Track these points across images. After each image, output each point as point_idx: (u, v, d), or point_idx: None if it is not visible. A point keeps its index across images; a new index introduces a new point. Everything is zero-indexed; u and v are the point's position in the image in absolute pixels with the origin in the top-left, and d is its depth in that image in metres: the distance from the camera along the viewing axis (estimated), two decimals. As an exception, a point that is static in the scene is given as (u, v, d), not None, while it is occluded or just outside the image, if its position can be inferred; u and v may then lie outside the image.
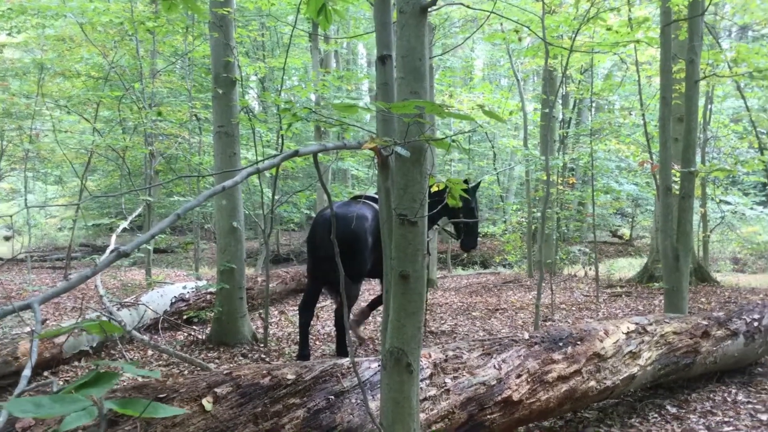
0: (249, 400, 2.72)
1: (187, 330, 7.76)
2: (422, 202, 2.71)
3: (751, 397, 5.50)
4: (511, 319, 9.68)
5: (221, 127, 7.17)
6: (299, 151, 2.17)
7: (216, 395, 2.64)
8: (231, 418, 2.61)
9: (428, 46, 12.41)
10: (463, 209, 6.93)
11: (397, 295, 2.71)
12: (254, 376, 2.86)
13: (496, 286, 13.54)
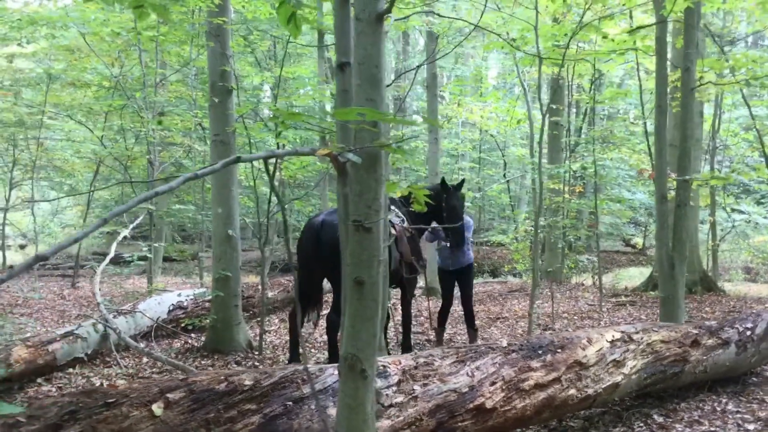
0: (202, 405, 2.74)
1: (183, 338, 7.81)
2: (377, 209, 2.72)
3: (741, 407, 5.44)
4: (511, 327, 9.66)
5: (217, 135, 7.23)
6: (241, 157, 2.19)
7: (168, 400, 2.66)
8: (181, 423, 2.64)
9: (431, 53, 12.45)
10: (446, 209, 7.06)
11: (353, 301, 2.72)
12: (210, 381, 2.88)
13: (501, 294, 13.48)
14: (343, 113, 2.28)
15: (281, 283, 11.21)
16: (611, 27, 8.43)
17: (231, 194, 7.33)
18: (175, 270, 18.74)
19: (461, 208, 7.17)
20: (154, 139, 10.17)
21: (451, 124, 22.34)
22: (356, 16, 2.72)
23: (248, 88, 14.53)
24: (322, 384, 3.21)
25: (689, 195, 6.99)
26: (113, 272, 11.04)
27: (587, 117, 16.89)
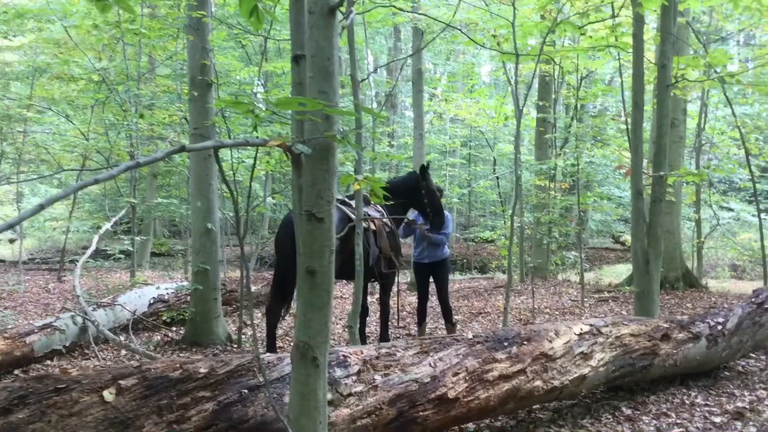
0: (155, 392, 2.78)
1: (163, 331, 7.84)
2: (329, 199, 2.75)
3: (710, 400, 5.50)
4: (492, 323, 9.71)
5: (197, 129, 7.26)
6: (185, 146, 2.23)
7: (120, 387, 2.71)
8: (133, 410, 2.68)
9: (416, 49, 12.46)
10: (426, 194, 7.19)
11: (304, 290, 2.75)
12: (165, 369, 2.92)
13: (486, 290, 13.54)
14: (285, 104, 2.31)
15: (265, 277, 11.24)
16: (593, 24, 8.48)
17: (211, 188, 7.36)
18: (164, 264, 18.76)
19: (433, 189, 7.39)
20: (135, 132, 10.17)
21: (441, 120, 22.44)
22: (309, 9, 2.75)
23: (235, 82, 14.54)
24: (279, 372, 3.25)
25: (665, 191, 7.04)
26: (98, 266, 11.07)
27: (576, 114, 16.94)
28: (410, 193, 7.19)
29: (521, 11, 10.65)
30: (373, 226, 6.73)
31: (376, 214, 6.88)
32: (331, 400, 3.28)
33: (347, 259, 6.30)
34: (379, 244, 6.75)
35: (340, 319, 9.75)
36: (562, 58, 12.87)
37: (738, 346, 6.27)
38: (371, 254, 6.58)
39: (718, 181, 22.26)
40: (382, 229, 6.85)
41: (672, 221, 12.28)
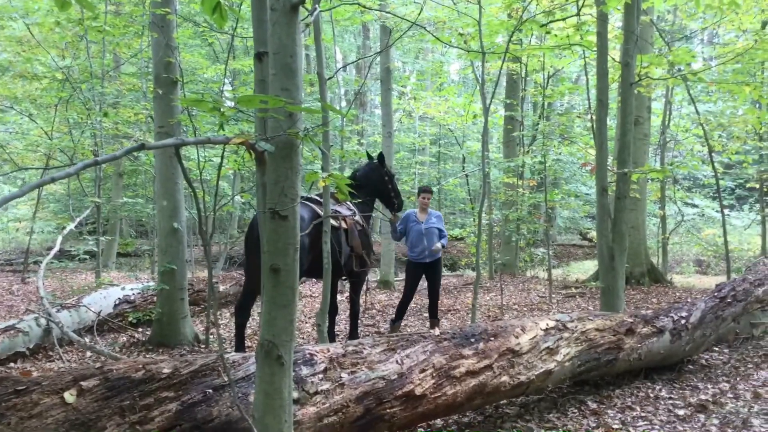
0: (117, 393, 2.75)
1: (129, 332, 7.74)
2: (293, 197, 2.74)
3: (674, 393, 5.59)
4: (461, 320, 9.76)
5: (161, 127, 7.18)
6: (145, 144, 2.20)
7: (81, 388, 2.67)
8: (94, 411, 2.64)
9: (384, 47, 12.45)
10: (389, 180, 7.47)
11: (269, 288, 2.74)
12: (127, 370, 2.89)
13: (456, 288, 13.59)
14: (246, 101, 2.30)
15: (234, 277, 11.16)
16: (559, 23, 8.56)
17: (176, 187, 7.28)
18: (131, 265, 18.54)
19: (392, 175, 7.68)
20: (99, 131, 10.03)
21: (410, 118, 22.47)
22: (271, 6, 2.74)
23: (202, 80, 14.42)
24: (245, 372, 3.24)
25: (629, 188, 7.13)
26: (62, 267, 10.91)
27: (544, 112, 17.09)
28: (375, 183, 7.33)
29: (488, 10, 10.73)
30: (345, 224, 6.72)
31: (347, 212, 6.87)
32: (297, 399, 3.27)
33: (317, 258, 6.24)
34: (350, 243, 6.75)
35: (309, 318, 9.73)
36: (529, 57, 13.00)
37: (701, 340, 6.38)
38: (342, 252, 6.56)
39: (683, 177, 22.64)
40: (354, 228, 6.85)
41: (637, 217, 12.46)
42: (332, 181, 3.20)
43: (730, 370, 6.38)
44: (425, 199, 8.03)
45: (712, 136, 14.48)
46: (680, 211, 16.47)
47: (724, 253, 18.06)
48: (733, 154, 15.28)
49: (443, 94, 17.81)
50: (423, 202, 8.02)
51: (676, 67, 9.01)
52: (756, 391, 5.57)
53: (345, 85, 29.44)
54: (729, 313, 6.70)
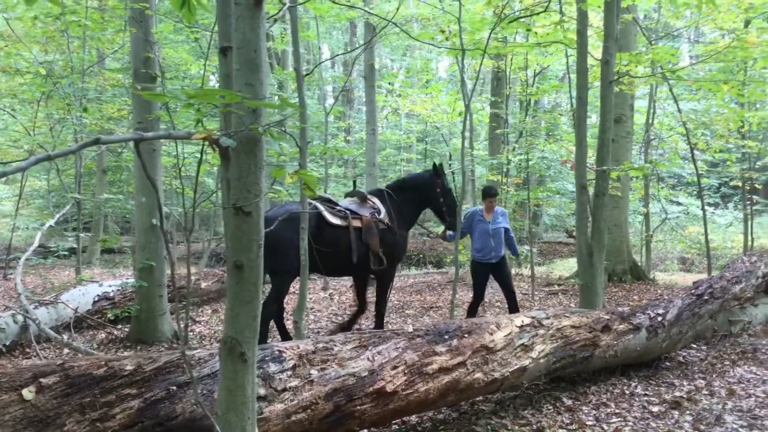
0: (77, 390, 2.73)
1: (108, 329, 7.70)
2: (257, 193, 2.73)
3: (649, 390, 5.62)
4: (443, 316, 9.76)
5: (140, 123, 7.14)
6: (100, 139, 2.18)
7: (41, 385, 2.65)
8: (54, 408, 2.62)
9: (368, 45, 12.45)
10: (442, 193, 7.34)
11: (232, 284, 2.73)
12: (89, 367, 2.87)
13: (440, 285, 13.59)
14: (203, 96, 2.28)
15: (216, 273, 11.12)
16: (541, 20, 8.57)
17: (156, 183, 7.24)
18: (115, 261, 18.43)
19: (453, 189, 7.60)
20: (79, 127, 9.96)
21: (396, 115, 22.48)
22: (235, 0, 2.72)
23: (187, 76, 14.35)
24: (211, 369, 3.22)
25: (608, 185, 7.15)
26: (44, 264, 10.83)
27: (529, 110, 17.12)
28: (423, 191, 7.30)
29: (473, 7, 10.73)
30: (359, 222, 6.86)
31: (364, 211, 7.00)
32: (264, 396, 3.26)
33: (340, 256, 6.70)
34: (366, 240, 6.86)
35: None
36: (513, 54, 13.01)
37: (678, 337, 6.41)
38: (354, 250, 6.73)
39: (668, 176, 22.73)
40: (372, 226, 6.93)
41: (620, 215, 12.50)
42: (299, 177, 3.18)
43: (706, 367, 6.42)
44: (491, 203, 7.70)
45: (695, 134, 14.56)
46: (664, 208, 16.53)
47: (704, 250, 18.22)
48: (717, 153, 15.36)
49: (429, 91, 17.82)
50: (489, 207, 7.69)
51: (658, 66, 9.05)
52: (731, 388, 5.61)
53: (333, 82, 29.43)
54: (706, 310, 6.73)
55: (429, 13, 12.03)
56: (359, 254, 6.80)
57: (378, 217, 7.00)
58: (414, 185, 7.44)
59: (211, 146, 2.78)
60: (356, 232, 6.82)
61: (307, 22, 19.74)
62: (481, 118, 19.02)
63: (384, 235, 6.99)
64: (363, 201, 7.08)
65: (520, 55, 13.70)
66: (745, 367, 6.32)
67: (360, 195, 7.16)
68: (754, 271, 7.95)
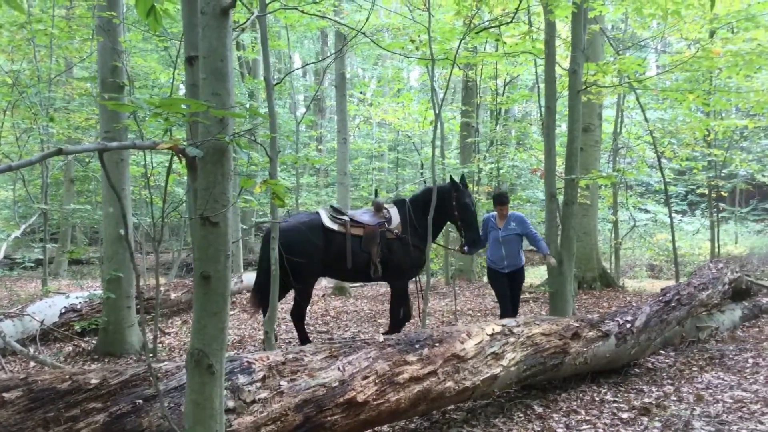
0: (41, 404, 2.68)
1: (75, 341, 7.58)
2: (224, 203, 2.70)
3: (619, 397, 5.66)
4: (415, 325, 9.75)
5: (107, 132, 7.05)
6: (63, 149, 2.15)
7: (3, 400, 2.59)
8: (17, 423, 2.57)
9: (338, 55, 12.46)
10: (457, 207, 7.20)
11: (199, 295, 2.70)
12: (53, 380, 2.82)
13: (412, 293, 13.58)
14: (168, 105, 2.26)
15: (186, 284, 11.01)
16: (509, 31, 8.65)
17: (123, 193, 7.16)
18: (82, 273, 18.18)
19: (473, 204, 7.31)
20: (46, 137, 9.82)
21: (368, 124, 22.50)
22: (201, 9, 2.70)
23: (156, 85, 14.23)
24: (178, 381, 3.17)
25: (576, 193, 7.22)
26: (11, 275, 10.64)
27: (500, 119, 17.25)
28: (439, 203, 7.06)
29: (444, 17, 10.81)
30: (360, 230, 7.05)
31: (372, 220, 7.18)
32: (233, 408, 3.22)
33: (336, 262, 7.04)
34: (366, 249, 7.03)
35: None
36: (483, 64, 13.11)
37: (647, 344, 6.48)
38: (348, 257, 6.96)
39: (636, 184, 23.04)
40: (374, 235, 7.07)
41: (589, 223, 12.63)
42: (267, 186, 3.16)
43: (674, 373, 6.49)
44: (502, 211, 7.41)
45: (662, 143, 14.79)
46: (632, 216, 16.74)
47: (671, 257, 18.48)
48: (684, 161, 15.62)
49: (401, 100, 17.87)
50: (501, 214, 7.43)
51: (625, 75, 9.18)
52: (699, 394, 5.67)
53: (304, 91, 29.40)
54: (674, 316, 6.82)
55: (399, 23, 12.10)
56: (356, 261, 7.00)
57: (387, 226, 7.12)
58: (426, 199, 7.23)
59: (177, 156, 2.75)
60: (355, 239, 7.01)
61: (278, 31, 19.69)
62: (452, 127, 19.11)
63: (391, 245, 7.10)
64: (378, 210, 7.25)
65: (490, 65, 13.84)
66: (713, 373, 6.39)
67: (376, 204, 7.34)
68: (721, 278, 8.07)
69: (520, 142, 19.09)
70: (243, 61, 19.06)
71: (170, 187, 13.62)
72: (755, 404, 5.31)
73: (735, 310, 8.79)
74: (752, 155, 20.54)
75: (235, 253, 13.82)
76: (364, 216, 7.27)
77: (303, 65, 22.55)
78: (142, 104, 2.27)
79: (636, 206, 19.29)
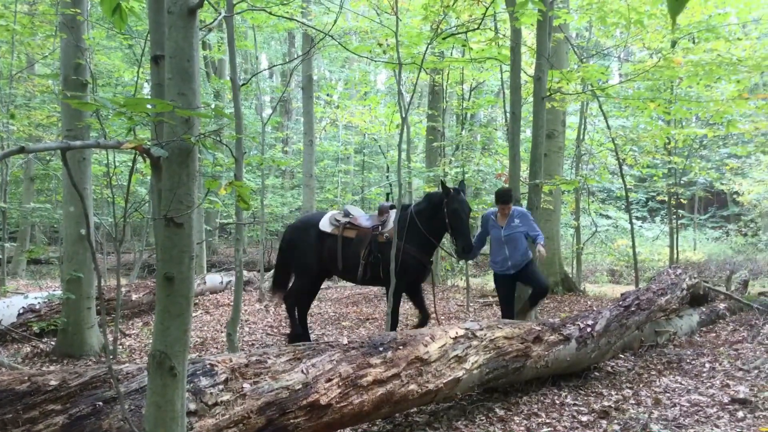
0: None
1: (34, 342, 7.45)
2: (189, 204, 2.69)
3: (579, 400, 5.74)
4: (380, 328, 9.78)
5: (70, 131, 6.95)
6: (25, 147, 2.12)
7: (-41, 402, 2.55)
8: (-28, 425, 2.53)
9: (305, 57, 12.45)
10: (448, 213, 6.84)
11: (162, 297, 2.68)
12: (10, 382, 2.77)
13: (377, 296, 13.61)
14: (133, 105, 2.24)
15: (148, 285, 10.87)
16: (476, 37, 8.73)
17: (85, 192, 7.05)
18: (42, 273, 17.85)
19: (463, 211, 6.82)
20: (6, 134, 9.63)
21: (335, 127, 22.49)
22: (168, 9, 2.68)
23: (120, 83, 14.06)
24: (139, 383, 3.14)
25: (540, 198, 7.32)
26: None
27: (466, 123, 17.37)
28: (432, 209, 7.01)
29: (411, 21, 10.85)
30: (353, 233, 7.24)
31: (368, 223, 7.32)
32: (195, 410, 3.20)
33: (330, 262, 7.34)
34: (356, 251, 7.19)
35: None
36: (450, 69, 13.20)
37: (607, 347, 6.58)
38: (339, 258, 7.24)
39: (598, 190, 23.38)
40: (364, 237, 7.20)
41: (551, 228, 12.78)
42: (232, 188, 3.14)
43: (633, 376, 6.60)
44: (504, 210, 6.94)
45: (623, 150, 15.04)
46: (594, 222, 16.98)
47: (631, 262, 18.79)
48: (644, 168, 15.90)
49: (368, 103, 17.91)
50: (503, 213, 6.98)
51: (588, 83, 9.33)
52: (657, 398, 5.77)
53: (271, 92, 29.25)
54: (633, 321, 6.93)
55: (367, 27, 12.13)
56: (346, 263, 7.22)
57: (380, 230, 7.17)
58: (427, 204, 7.15)
59: (142, 156, 2.73)
60: (347, 241, 7.21)
61: (245, 31, 19.56)
62: (418, 131, 19.19)
63: (383, 249, 7.07)
64: (381, 214, 7.35)
65: (457, 70, 13.94)
66: (671, 377, 6.51)
67: (381, 208, 7.44)
68: (679, 284, 8.23)
69: (486, 147, 19.24)
70: (209, 61, 18.91)
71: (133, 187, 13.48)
72: (711, 408, 5.42)
73: (693, 315, 8.96)
74: (711, 163, 21.02)
75: (199, 254, 13.71)
76: (363, 219, 7.37)
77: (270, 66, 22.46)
78: (106, 103, 2.25)
79: (598, 212, 19.61)
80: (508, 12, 7.09)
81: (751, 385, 6.05)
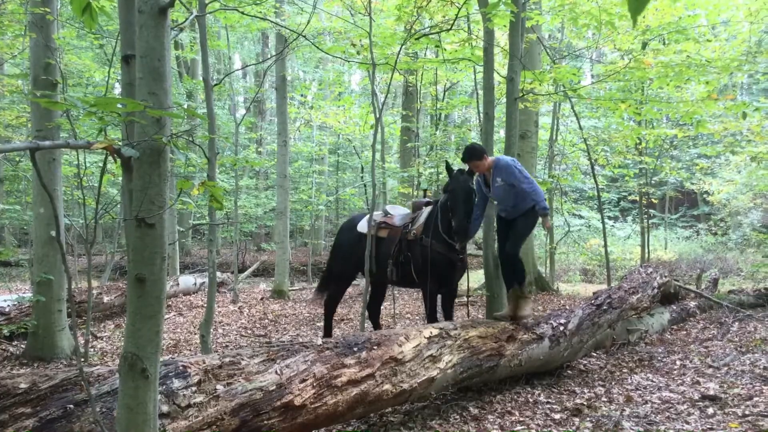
0: (-34, 410, 2.60)
1: (3, 345, 7.34)
2: (161, 204, 2.67)
3: (552, 398, 5.79)
4: (354, 328, 9.77)
5: (39, 131, 6.85)
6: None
7: (-76, 406, 2.51)
8: (-61, 429, 2.49)
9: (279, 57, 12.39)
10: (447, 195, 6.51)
11: (133, 298, 2.66)
12: (-21, 385, 2.74)
13: (351, 297, 13.59)
14: (103, 104, 2.22)
15: (120, 287, 10.75)
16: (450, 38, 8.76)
17: (55, 194, 6.97)
18: (11, 275, 17.58)
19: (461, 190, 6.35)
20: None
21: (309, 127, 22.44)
22: (139, 8, 2.66)
23: (91, 83, 13.90)
24: (111, 386, 3.11)
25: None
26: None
27: (440, 124, 17.42)
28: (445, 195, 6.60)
29: (385, 22, 10.87)
30: (385, 233, 7.14)
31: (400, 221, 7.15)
32: (167, 413, 3.18)
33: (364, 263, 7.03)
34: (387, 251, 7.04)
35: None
36: (423, 70, 13.24)
37: (579, 346, 6.65)
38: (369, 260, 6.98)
39: (570, 190, 23.59)
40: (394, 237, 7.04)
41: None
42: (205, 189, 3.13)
43: (606, 374, 6.67)
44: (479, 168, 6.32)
45: (595, 150, 15.20)
46: (567, 222, 17.12)
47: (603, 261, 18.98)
48: (616, 168, 16.09)
49: (342, 103, 17.90)
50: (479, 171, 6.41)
51: (561, 84, 9.42)
52: (629, 395, 5.84)
53: (244, 92, 29.10)
54: (605, 319, 7.01)
55: (341, 27, 12.10)
56: (379, 264, 7.05)
57: (410, 227, 6.93)
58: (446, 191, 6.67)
59: (113, 156, 2.71)
60: (379, 241, 7.07)
61: (218, 31, 19.44)
62: (392, 132, 19.24)
63: (412, 247, 6.84)
64: (414, 210, 7.23)
65: (431, 71, 13.99)
66: (642, 375, 6.59)
67: (415, 204, 7.34)
68: (650, 282, 8.33)
69: (460, 147, 19.31)
70: (181, 61, 18.77)
71: (104, 188, 13.34)
72: (682, 404, 5.50)
73: (664, 313, 9.09)
74: (681, 163, 21.33)
75: (172, 255, 13.58)
76: (397, 218, 7.14)
77: (243, 66, 22.31)
78: (77, 102, 2.23)
79: (570, 212, 19.76)
80: (481, 13, 7.13)
81: (721, 382, 6.15)
